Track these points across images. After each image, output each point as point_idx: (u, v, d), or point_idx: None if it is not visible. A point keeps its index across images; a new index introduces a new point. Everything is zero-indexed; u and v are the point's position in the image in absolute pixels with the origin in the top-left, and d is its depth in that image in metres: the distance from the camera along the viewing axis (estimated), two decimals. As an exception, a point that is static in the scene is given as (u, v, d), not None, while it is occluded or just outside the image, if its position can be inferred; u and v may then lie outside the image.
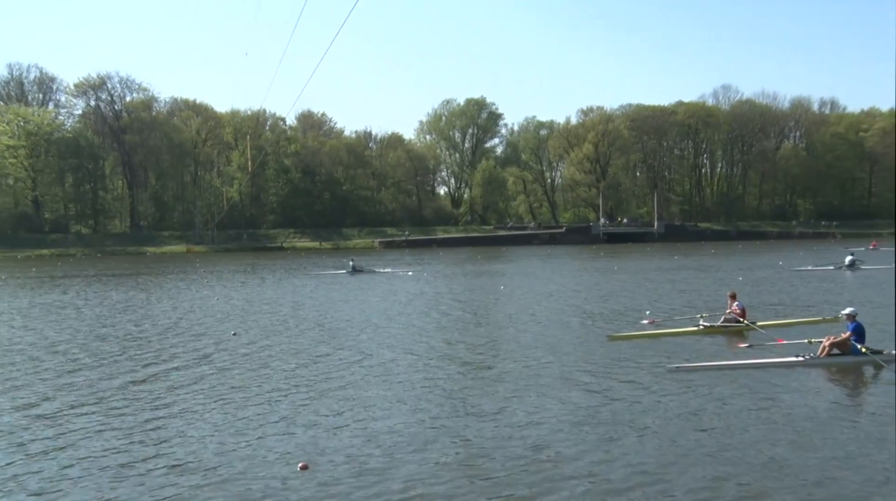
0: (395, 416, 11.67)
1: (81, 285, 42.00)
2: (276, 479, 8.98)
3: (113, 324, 23.81)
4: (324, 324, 22.83)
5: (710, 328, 19.69)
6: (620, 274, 42.74)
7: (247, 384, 14.21)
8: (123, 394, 13.55)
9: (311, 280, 42.48)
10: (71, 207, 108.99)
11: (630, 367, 14.91)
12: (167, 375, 15.30)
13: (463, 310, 26.44)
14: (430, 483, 8.69)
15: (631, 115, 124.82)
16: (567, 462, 9.26)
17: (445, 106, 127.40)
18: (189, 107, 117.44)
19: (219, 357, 17.29)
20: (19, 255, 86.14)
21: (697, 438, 10.16)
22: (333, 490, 8.59)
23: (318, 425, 11.30)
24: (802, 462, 9.19)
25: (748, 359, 15.49)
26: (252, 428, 11.16)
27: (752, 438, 10.15)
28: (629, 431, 10.50)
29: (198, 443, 10.44)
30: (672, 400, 12.24)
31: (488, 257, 71.33)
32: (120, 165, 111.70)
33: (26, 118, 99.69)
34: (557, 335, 19.74)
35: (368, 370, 15.36)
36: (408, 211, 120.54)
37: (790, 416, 11.26)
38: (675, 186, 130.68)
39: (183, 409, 12.41)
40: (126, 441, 10.58)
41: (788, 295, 29.25)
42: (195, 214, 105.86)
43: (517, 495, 8.31)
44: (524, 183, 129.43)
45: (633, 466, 9.09)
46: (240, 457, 9.81)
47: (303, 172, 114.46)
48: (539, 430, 10.60)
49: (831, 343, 15.16)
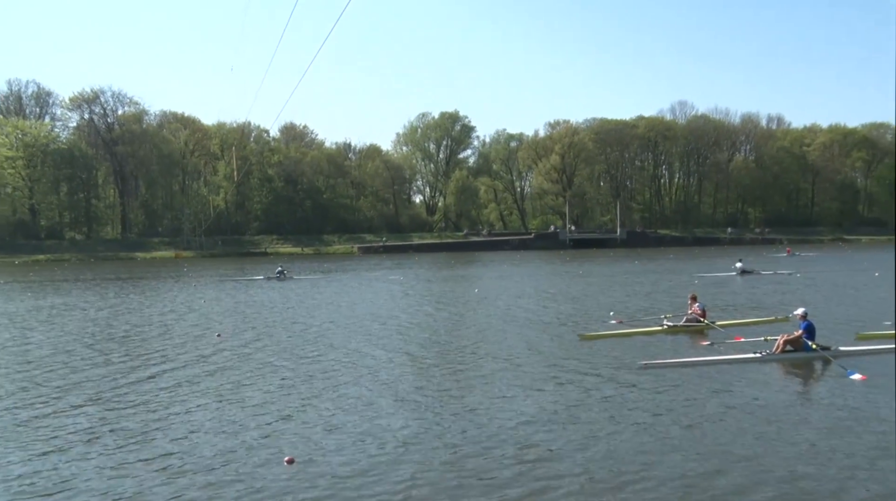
0: (378, 414, 11.55)
1: (80, 288, 41.64)
2: (263, 473, 8.88)
3: (110, 325, 23.68)
4: (311, 326, 22.88)
5: (673, 327, 20.02)
6: (586, 277, 43.17)
7: (231, 382, 14.16)
8: (112, 392, 13.41)
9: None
10: (66, 214, 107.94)
11: (603, 364, 15.14)
12: (153, 373, 15.23)
13: (442, 312, 26.58)
14: (413, 479, 8.60)
15: (595, 128, 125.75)
16: (550, 458, 9.24)
17: (421, 119, 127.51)
18: (177, 119, 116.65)
19: (203, 357, 17.21)
20: (17, 260, 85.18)
21: (671, 430, 10.36)
22: (319, 483, 8.50)
23: (302, 420, 11.22)
24: (768, 449, 9.46)
25: (711, 356, 15.82)
26: (238, 423, 11.09)
27: (721, 428, 10.43)
28: (608, 426, 10.61)
29: (183, 438, 10.35)
30: (646, 395, 12.47)
31: (462, 261, 71.51)
32: (112, 174, 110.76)
33: (24, 131, 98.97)
34: (531, 334, 19.91)
35: (350, 369, 15.26)
36: (385, 218, 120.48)
37: (752, 407, 11.58)
38: (636, 195, 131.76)
39: (169, 405, 12.32)
40: (114, 437, 10.46)
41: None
42: (183, 221, 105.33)
43: (502, 491, 8.25)
44: (495, 192, 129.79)
45: (615, 460, 9.17)
46: (225, 451, 9.73)
47: (285, 182, 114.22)
48: (520, 428, 10.59)
49: (785, 341, 15.58)
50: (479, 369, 15.13)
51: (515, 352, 16.97)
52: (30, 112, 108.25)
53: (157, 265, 74.60)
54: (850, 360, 14.79)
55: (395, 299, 31.34)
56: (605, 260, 66.73)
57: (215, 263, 78.47)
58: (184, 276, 52.56)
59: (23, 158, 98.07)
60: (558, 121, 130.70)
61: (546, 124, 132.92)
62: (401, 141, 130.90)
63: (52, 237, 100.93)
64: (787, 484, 8.24)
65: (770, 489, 8.12)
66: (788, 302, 25.82)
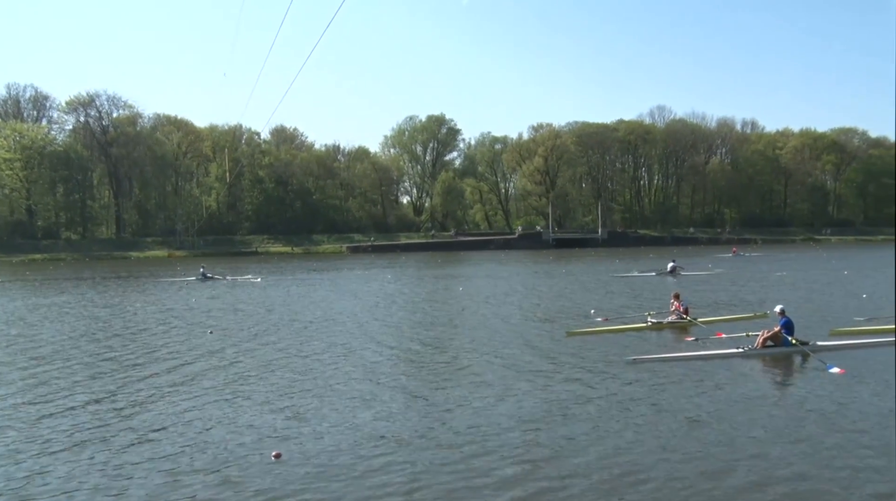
0: (367, 410, 11.45)
1: (77, 287, 41.38)
2: (251, 467, 8.84)
3: (96, 322, 23.60)
4: (303, 323, 22.88)
5: (657, 324, 20.16)
6: (569, 276, 43.31)
7: (221, 377, 14.18)
8: (103, 390, 13.35)
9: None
10: (62, 215, 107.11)
11: (592, 360, 15.23)
12: (147, 368, 15.26)
13: (431, 310, 26.65)
14: (402, 476, 8.52)
15: (577, 131, 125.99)
16: (546, 454, 9.18)
17: (408, 122, 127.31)
18: (171, 122, 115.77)
19: (196, 353, 17.21)
20: (14, 259, 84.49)
21: (665, 424, 10.46)
22: (306, 478, 8.46)
23: (291, 415, 11.18)
24: (763, 442, 9.58)
25: (697, 351, 16.00)
26: (227, 418, 11.05)
27: (709, 419, 10.58)
28: (603, 421, 10.67)
29: (173, 433, 10.31)
30: (637, 389, 12.58)
31: (448, 260, 71.55)
32: (107, 176, 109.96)
33: (22, 133, 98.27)
34: (519, 331, 20.02)
35: (339, 366, 15.23)
36: (373, 219, 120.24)
37: (740, 400, 11.74)
38: (616, 197, 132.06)
39: (158, 401, 12.29)
40: (104, 432, 10.43)
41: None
42: (176, 221, 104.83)
43: (496, 489, 8.18)
44: (481, 193, 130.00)
45: (612, 455, 9.20)
46: (214, 446, 9.69)
47: (276, 183, 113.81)
48: (513, 424, 10.55)
49: (766, 337, 15.78)
50: (471, 365, 15.13)
51: (506, 348, 17.03)
52: (27, 115, 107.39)
53: (151, 265, 74.13)
54: (828, 354, 14.98)
55: (386, 297, 31.34)
56: (588, 259, 66.90)
57: (208, 262, 77.96)
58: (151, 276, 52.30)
59: (20, 159, 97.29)
60: (541, 124, 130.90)
61: (529, 127, 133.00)
62: (388, 143, 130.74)
63: (49, 237, 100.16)
64: (787, 477, 8.34)
65: (775, 482, 8.23)
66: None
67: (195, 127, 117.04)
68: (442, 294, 32.69)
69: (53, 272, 59.08)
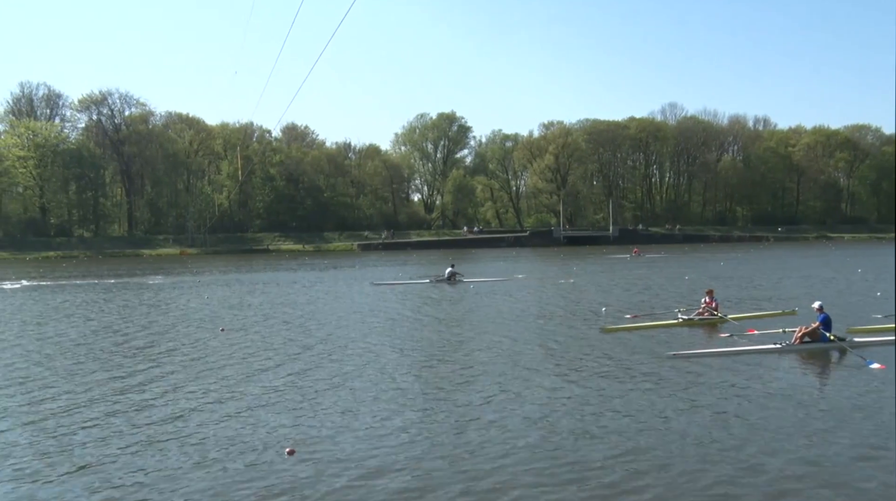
0: (385, 408, 11.43)
1: (91, 285, 41.79)
2: (264, 463, 8.91)
3: (126, 319, 23.97)
4: (316, 320, 23.10)
5: (688, 320, 20.40)
6: (582, 274, 43.39)
7: (234, 375, 14.24)
8: (115, 386, 13.50)
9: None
10: (74, 212, 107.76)
11: (631, 355, 15.52)
12: (161, 366, 15.35)
13: (454, 307, 26.85)
14: (421, 474, 8.50)
15: (588, 129, 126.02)
16: (594, 450, 9.22)
17: (419, 120, 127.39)
18: (183, 120, 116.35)
19: (209, 350, 17.34)
20: (28, 257, 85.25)
21: (715, 418, 10.73)
22: (320, 475, 8.49)
23: (304, 413, 11.22)
24: (811, 435, 9.86)
25: (734, 347, 16.23)
26: (240, 415, 11.14)
27: (758, 416, 10.81)
28: (653, 415, 10.90)
29: (185, 429, 10.38)
30: (680, 384, 12.83)
31: (459, 258, 71.57)
32: (119, 174, 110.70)
33: (35, 131, 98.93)
34: (551, 328, 20.20)
35: (355, 363, 15.27)
36: (384, 216, 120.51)
37: (785, 394, 11.99)
38: (627, 194, 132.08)
39: (171, 397, 12.46)
40: (122, 427, 10.56)
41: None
42: (188, 219, 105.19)
43: (542, 476, 8.34)
44: (491, 191, 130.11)
45: (668, 447, 9.49)
46: (228, 441, 9.79)
47: (287, 181, 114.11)
48: (563, 418, 10.71)
49: (803, 333, 15.98)
50: (512, 361, 15.29)
51: (544, 344, 17.27)
52: (40, 114, 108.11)
53: (163, 262, 74.54)
54: (866, 351, 15.18)
55: (406, 295, 31.60)
56: (599, 257, 67.02)
57: (219, 260, 78.50)
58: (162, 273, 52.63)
59: (34, 158, 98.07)
60: (552, 122, 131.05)
61: (540, 125, 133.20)
62: (399, 141, 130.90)
63: (62, 235, 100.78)
64: (836, 471, 8.59)
65: (819, 473, 8.49)
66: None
67: (207, 125, 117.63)
68: (464, 291, 32.75)
69: (68, 270, 59.50)
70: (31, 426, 10.77)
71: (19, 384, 13.74)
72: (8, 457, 9.29)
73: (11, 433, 10.37)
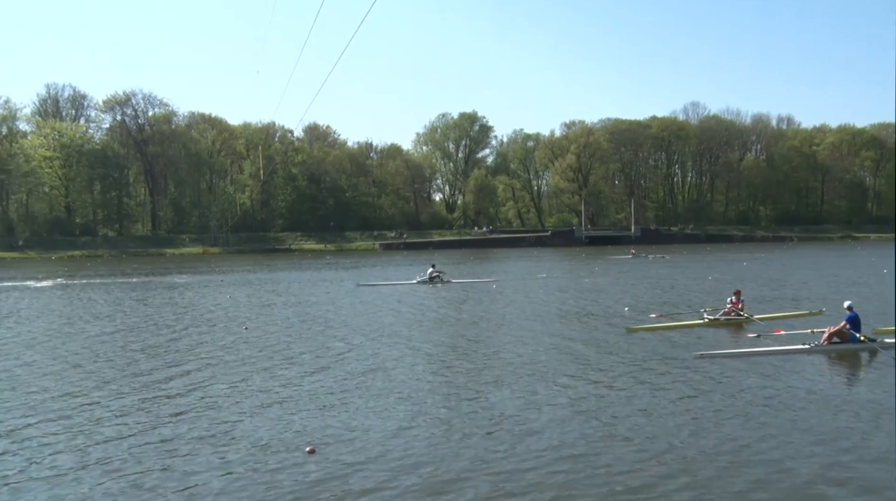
0: (407, 408, 11.34)
1: (115, 284, 42.19)
2: (286, 462, 8.86)
3: (150, 316, 24.13)
4: (331, 321, 23.19)
5: (714, 320, 20.17)
6: (605, 275, 43.17)
7: (255, 373, 14.23)
8: (142, 382, 13.64)
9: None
10: (99, 212, 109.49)
11: (657, 355, 15.37)
12: (182, 365, 15.38)
13: (477, 307, 26.78)
14: (443, 474, 8.43)
15: (610, 128, 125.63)
16: (624, 452, 9.13)
17: (441, 119, 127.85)
18: (205, 120, 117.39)
19: (232, 348, 17.39)
20: (53, 256, 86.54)
21: (743, 420, 10.57)
22: (339, 474, 8.43)
23: (325, 411, 11.17)
24: (851, 438, 9.70)
25: (762, 347, 16.03)
26: (261, 413, 11.15)
27: (788, 417, 10.65)
28: (681, 416, 10.79)
29: (210, 428, 10.36)
30: (708, 385, 12.65)
31: (480, 258, 71.51)
32: (142, 173, 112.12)
33: (61, 132, 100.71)
34: (576, 327, 20.06)
35: (378, 362, 15.16)
36: (406, 216, 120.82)
37: (808, 395, 11.78)
38: (649, 194, 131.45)
39: (192, 395, 12.47)
40: (144, 425, 10.57)
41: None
42: (210, 218, 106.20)
43: (568, 477, 8.27)
44: (513, 190, 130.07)
45: (692, 449, 9.37)
46: (248, 439, 9.77)
47: (309, 180, 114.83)
48: (587, 420, 10.57)
49: (832, 333, 15.74)
50: (538, 361, 15.19)
51: (569, 344, 17.14)
52: (66, 114, 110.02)
53: (186, 261, 75.20)
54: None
55: (428, 293, 31.58)
56: (621, 257, 66.68)
57: (241, 259, 79.06)
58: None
59: (59, 158, 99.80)
60: (574, 121, 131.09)
61: (562, 125, 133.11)
62: (421, 141, 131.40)
63: (87, 234, 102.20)
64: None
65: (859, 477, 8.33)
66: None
67: (229, 125, 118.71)
68: (487, 291, 32.67)
69: (94, 269, 60.13)
70: (60, 421, 10.83)
71: (50, 378, 13.88)
72: (40, 453, 9.34)
73: (41, 427, 10.45)
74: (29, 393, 12.72)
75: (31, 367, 15.31)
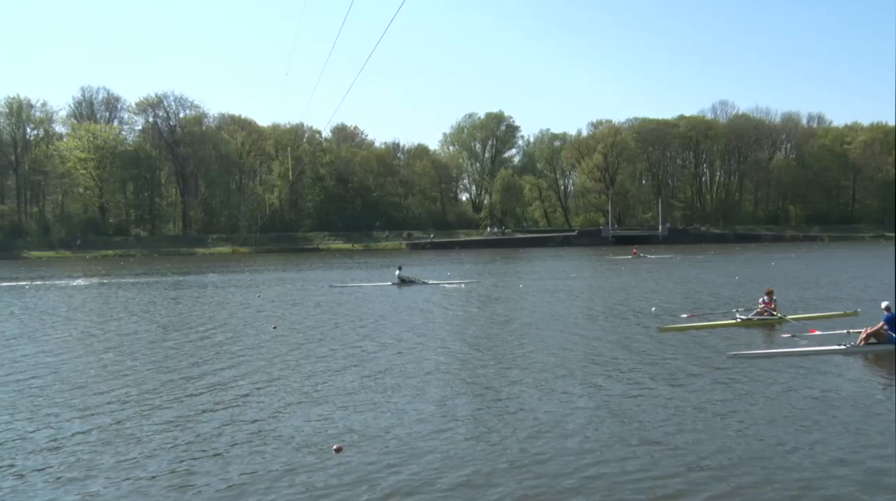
0: (435, 407, 11.34)
1: (150, 286, 42.68)
2: (311, 459, 8.88)
3: (180, 315, 24.39)
4: (363, 321, 23.25)
5: (747, 320, 19.96)
6: (632, 274, 42.81)
7: (285, 372, 14.26)
8: (169, 378, 13.80)
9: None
10: (131, 212, 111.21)
11: (690, 355, 15.22)
12: (211, 362, 15.50)
13: (505, 307, 26.71)
14: (471, 474, 8.37)
15: (637, 128, 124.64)
16: (664, 449, 9.14)
17: (467, 119, 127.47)
18: (235, 122, 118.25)
19: (262, 348, 17.40)
20: (87, 255, 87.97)
21: (780, 422, 10.41)
22: (367, 472, 8.42)
23: (352, 410, 11.17)
24: (873, 436, 9.57)
25: (797, 347, 15.81)
26: (289, 411, 11.19)
27: (825, 418, 10.49)
28: (715, 417, 10.65)
29: (233, 425, 10.44)
30: (743, 385, 12.49)
31: (507, 257, 71.33)
32: (174, 174, 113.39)
33: (95, 134, 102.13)
34: (607, 327, 19.91)
35: (406, 361, 15.17)
36: (433, 216, 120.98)
37: (845, 397, 11.60)
38: (677, 193, 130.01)
39: (220, 393, 12.53)
40: (171, 423, 10.61)
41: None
42: (240, 218, 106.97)
43: (594, 480, 8.18)
44: (539, 190, 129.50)
45: (730, 452, 9.24)
46: (275, 437, 9.79)
47: (337, 180, 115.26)
48: (620, 422, 10.44)
49: (869, 333, 15.49)
50: (569, 361, 15.11)
51: (601, 344, 17.02)
52: (100, 117, 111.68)
53: (216, 260, 75.94)
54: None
55: (459, 292, 31.60)
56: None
57: (270, 258, 79.64)
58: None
59: (94, 159, 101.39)
60: (601, 121, 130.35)
61: (589, 124, 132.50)
62: (448, 141, 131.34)
63: (120, 234, 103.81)
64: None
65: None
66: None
67: (258, 126, 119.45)
68: (515, 291, 32.64)
69: (127, 268, 60.94)
70: (89, 419, 10.98)
71: (88, 375, 14.11)
72: (77, 450, 9.49)
73: (75, 424, 10.61)
74: (71, 390, 12.95)
75: (74, 362, 15.61)
